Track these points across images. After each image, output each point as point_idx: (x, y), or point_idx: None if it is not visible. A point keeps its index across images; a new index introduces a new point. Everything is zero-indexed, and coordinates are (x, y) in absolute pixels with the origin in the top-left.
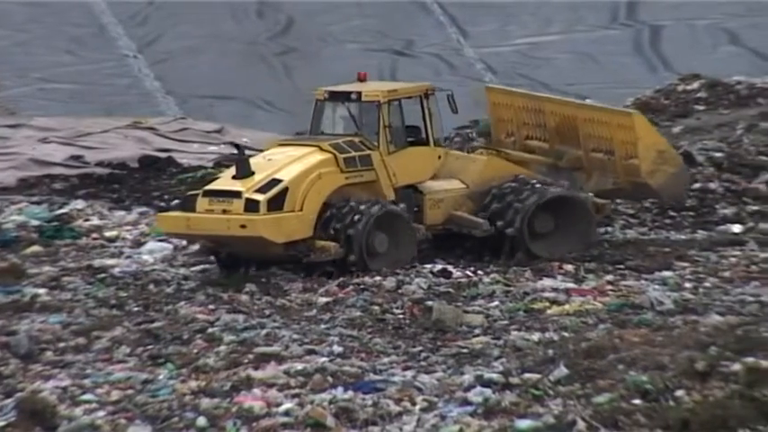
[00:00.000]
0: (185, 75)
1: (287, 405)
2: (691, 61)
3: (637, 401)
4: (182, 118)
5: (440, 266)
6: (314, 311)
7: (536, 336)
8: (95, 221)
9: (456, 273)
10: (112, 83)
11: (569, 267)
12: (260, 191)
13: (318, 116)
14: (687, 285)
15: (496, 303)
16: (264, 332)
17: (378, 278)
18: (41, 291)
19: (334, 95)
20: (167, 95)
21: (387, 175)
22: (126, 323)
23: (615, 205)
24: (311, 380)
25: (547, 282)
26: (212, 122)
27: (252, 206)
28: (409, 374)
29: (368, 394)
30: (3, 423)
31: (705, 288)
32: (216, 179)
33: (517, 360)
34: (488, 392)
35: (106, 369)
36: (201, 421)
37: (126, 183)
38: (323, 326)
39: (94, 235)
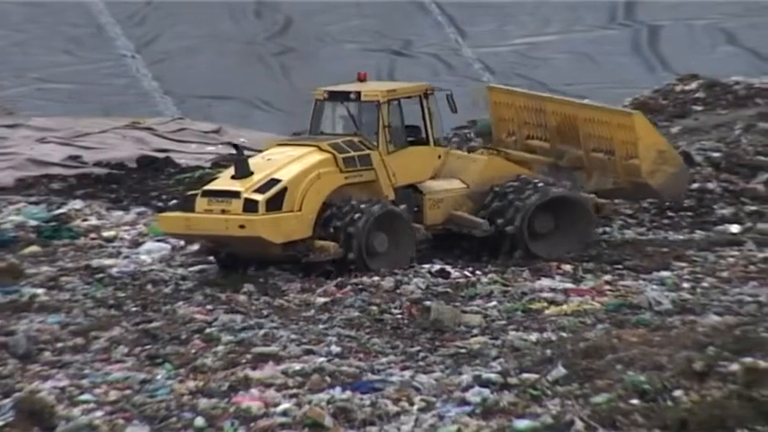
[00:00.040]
0: (183, 75)
1: (285, 405)
2: (689, 61)
3: (635, 401)
4: (179, 118)
5: (438, 266)
6: (312, 312)
7: (534, 336)
8: (93, 221)
9: (454, 273)
10: (110, 83)
11: (567, 267)
12: (259, 191)
13: (318, 116)
14: (685, 285)
15: (494, 303)
16: (262, 332)
17: (376, 278)
18: (40, 291)
19: (333, 95)
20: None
21: (386, 175)
22: (124, 323)
23: (615, 206)
24: (309, 380)
25: (545, 282)
26: (210, 122)
27: (250, 206)
28: (407, 374)
29: (366, 394)
30: (1, 423)
31: (703, 288)
32: (215, 179)
33: (515, 360)
34: (486, 392)
35: (104, 369)
36: (199, 421)
37: (124, 183)
38: (321, 326)
39: (92, 235)
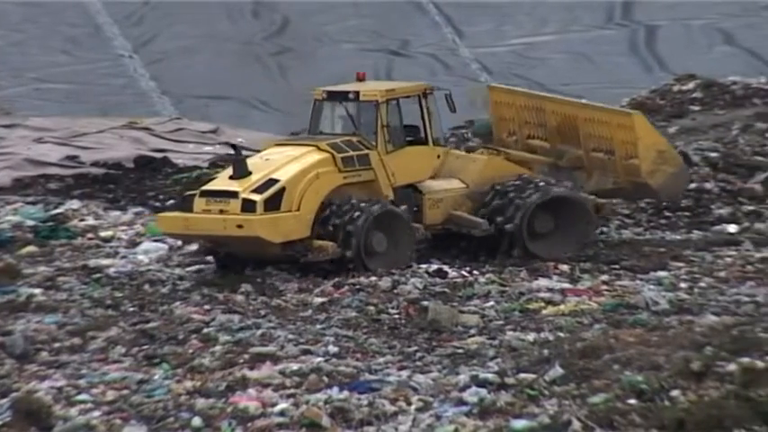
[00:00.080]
0: (181, 75)
1: (282, 405)
2: (686, 61)
3: (632, 401)
4: (177, 118)
5: (435, 266)
6: (309, 312)
7: (531, 336)
8: (91, 221)
9: (451, 273)
10: (108, 83)
11: (565, 267)
12: (257, 191)
13: (317, 116)
14: (682, 285)
15: (492, 303)
16: (260, 332)
17: (373, 278)
18: (37, 291)
19: (332, 95)
20: (163, 95)
21: (385, 175)
22: (121, 323)
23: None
24: (306, 380)
25: (542, 282)
26: (208, 123)
27: (249, 206)
28: (405, 374)
29: (363, 394)
30: None
31: (700, 288)
32: (213, 179)
33: (512, 360)
34: (484, 392)
35: (101, 369)
36: (197, 421)
37: (121, 183)
38: (318, 326)
39: (90, 235)
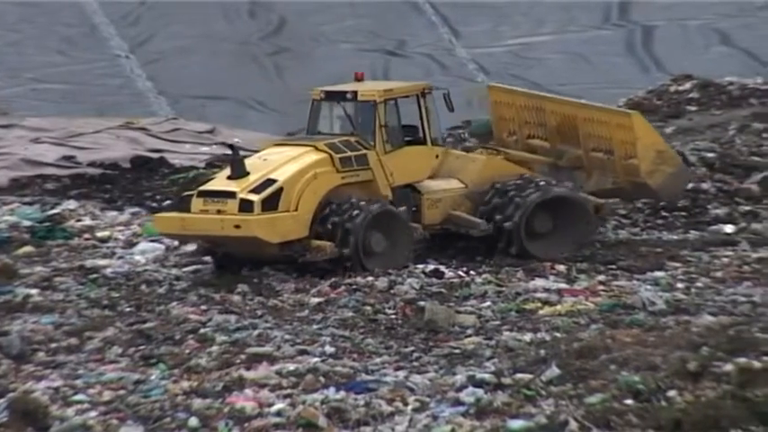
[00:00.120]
0: (177, 75)
1: (279, 405)
2: (683, 62)
3: (629, 402)
4: (173, 118)
5: (432, 267)
6: (306, 312)
7: (528, 336)
8: (87, 222)
9: (448, 273)
10: (104, 83)
11: (561, 268)
12: (254, 191)
13: (315, 116)
14: (679, 286)
15: (488, 304)
16: (256, 332)
17: (370, 278)
18: (33, 291)
19: (330, 95)
20: (159, 96)
21: (384, 175)
22: (118, 323)
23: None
24: (303, 380)
25: (539, 282)
26: (204, 123)
27: (246, 206)
28: (401, 375)
29: (360, 394)
30: None
31: (697, 288)
32: (210, 179)
33: (509, 360)
34: (480, 393)
35: (98, 369)
36: (193, 422)
37: (118, 183)
38: (315, 326)
39: (86, 235)
